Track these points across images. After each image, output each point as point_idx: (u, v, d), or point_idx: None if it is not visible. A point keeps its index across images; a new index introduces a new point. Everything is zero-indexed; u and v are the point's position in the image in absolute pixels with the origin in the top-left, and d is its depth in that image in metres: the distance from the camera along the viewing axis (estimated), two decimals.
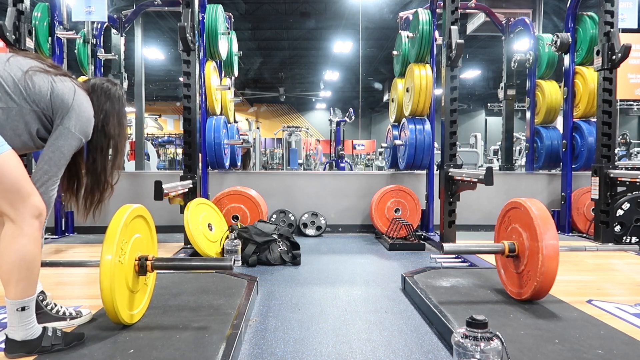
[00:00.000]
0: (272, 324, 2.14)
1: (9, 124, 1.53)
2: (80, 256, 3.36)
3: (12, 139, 1.54)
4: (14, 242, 1.47)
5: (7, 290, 1.46)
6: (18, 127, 1.55)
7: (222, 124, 4.54)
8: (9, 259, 1.46)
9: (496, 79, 19.52)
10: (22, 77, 1.55)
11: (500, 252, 2.20)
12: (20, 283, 1.46)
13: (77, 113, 1.63)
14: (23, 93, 1.54)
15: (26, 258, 1.48)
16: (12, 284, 1.46)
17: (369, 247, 4.11)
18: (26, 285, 1.49)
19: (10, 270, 1.45)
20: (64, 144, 1.61)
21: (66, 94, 1.62)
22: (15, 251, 1.46)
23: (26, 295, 1.49)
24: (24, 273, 1.47)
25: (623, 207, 3.70)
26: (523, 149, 9.27)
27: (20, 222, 1.48)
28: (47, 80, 1.60)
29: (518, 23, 5.45)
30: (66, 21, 4.32)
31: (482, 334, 1.36)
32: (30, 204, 1.51)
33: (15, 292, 1.46)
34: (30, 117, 1.57)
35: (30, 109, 1.56)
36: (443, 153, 3.80)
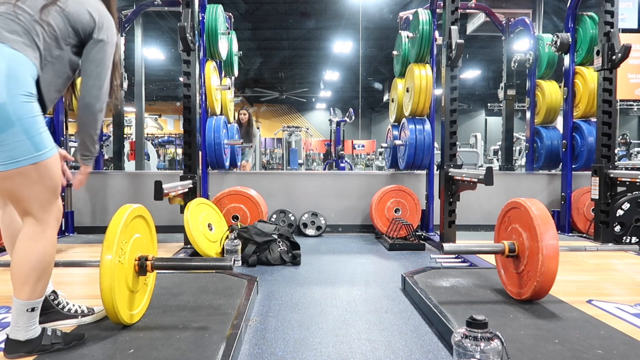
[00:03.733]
0: (272, 324, 2.14)
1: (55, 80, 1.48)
2: (80, 256, 3.36)
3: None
4: (37, 243, 1.45)
5: (21, 291, 1.45)
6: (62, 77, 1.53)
7: (222, 124, 4.53)
8: (30, 260, 1.44)
9: (496, 79, 19.52)
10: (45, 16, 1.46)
11: (500, 252, 2.20)
12: (38, 284, 1.46)
13: (106, 22, 1.59)
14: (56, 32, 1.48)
15: (46, 260, 1.47)
16: (28, 285, 1.44)
17: (369, 247, 4.11)
18: (42, 286, 1.48)
19: (29, 272, 1.44)
20: (105, 55, 1.58)
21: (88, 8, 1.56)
22: (37, 253, 1.45)
23: (39, 296, 1.49)
24: (42, 275, 1.47)
25: (623, 207, 3.70)
26: (523, 149, 9.27)
27: (45, 224, 1.47)
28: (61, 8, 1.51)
29: (518, 23, 5.45)
30: None
31: (482, 334, 1.36)
32: (57, 207, 1.50)
33: (30, 293, 1.45)
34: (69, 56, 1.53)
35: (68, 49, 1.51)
36: (443, 153, 3.80)
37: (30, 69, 1.39)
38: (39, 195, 1.43)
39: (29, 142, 1.35)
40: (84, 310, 1.84)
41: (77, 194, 4.51)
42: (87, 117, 1.60)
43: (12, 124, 1.31)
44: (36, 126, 1.37)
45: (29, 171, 1.37)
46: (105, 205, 4.64)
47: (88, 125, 1.62)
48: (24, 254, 1.44)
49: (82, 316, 1.82)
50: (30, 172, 1.38)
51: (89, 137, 1.63)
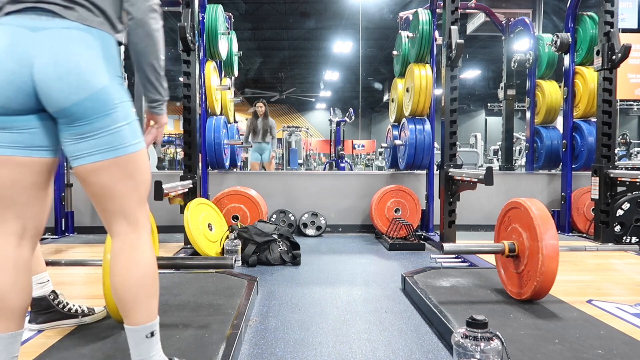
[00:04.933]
0: (272, 324, 2.14)
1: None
2: (80, 256, 3.36)
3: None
4: (137, 253, 1.24)
5: (133, 316, 1.22)
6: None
7: (222, 124, 4.53)
8: (134, 274, 1.21)
9: (496, 79, 19.52)
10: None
11: (500, 252, 2.20)
12: (149, 302, 1.24)
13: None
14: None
15: (152, 272, 1.25)
16: (139, 304, 1.21)
17: (369, 247, 4.11)
18: (154, 304, 1.25)
19: (137, 288, 1.21)
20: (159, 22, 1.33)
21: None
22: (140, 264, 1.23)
23: (154, 317, 1.26)
24: (151, 290, 1.24)
25: (623, 207, 3.70)
26: (523, 149, 9.27)
27: (139, 228, 1.27)
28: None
29: (518, 23, 5.45)
30: None
31: (482, 334, 1.36)
32: (147, 209, 1.32)
33: (143, 315, 1.22)
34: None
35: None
36: (443, 153, 3.80)
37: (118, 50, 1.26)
38: (135, 190, 1.24)
39: (127, 129, 1.20)
40: (84, 310, 1.84)
41: (77, 194, 4.50)
42: (142, 42, 1.27)
43: (114, 107, 1.18)
44: (131, 112, 1.24)
45: (126, 161, 1.21)
46: None
47: (147, 53, 1.29)
48: (127, 269, 1.22)
49: (82, 316, 1.83)
50: (127, 162, 1.21)
51: (152, 70, 1.31)
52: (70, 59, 1.12)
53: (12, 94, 1.11)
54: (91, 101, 1.13)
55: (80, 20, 1.15)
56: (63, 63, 1.11)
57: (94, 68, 1.15)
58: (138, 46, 1.27)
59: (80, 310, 1.83)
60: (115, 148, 1.18)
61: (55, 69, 1.11)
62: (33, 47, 1.11)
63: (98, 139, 1.16)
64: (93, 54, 1.15)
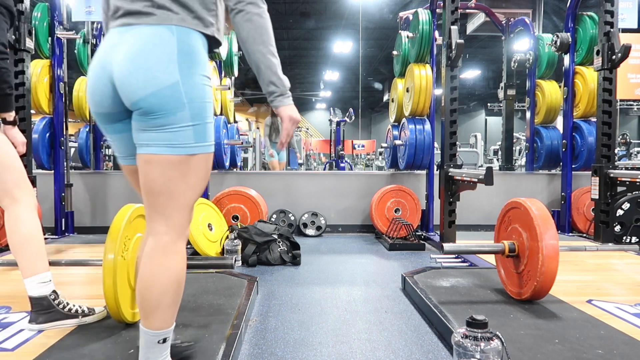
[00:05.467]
0: (272, 324, 2.14)
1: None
2: (81, 256, 3.35)
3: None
4: (169, 257, 1.22)
5: (151, 319, 1.23)
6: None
7: (222, 124, 4.53)
8: (162, 279, 1.20)
9: (496, 79, 19.51)
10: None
11: (500, 252, 2.20)
12: (169, 309, 1.23)
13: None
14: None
15: (179, 280, 1.23)
16: (160, 310, 1.21)
17: (369, 247, 4.11)
18: (174, 312, 1.25)
19: (162, 294, 1.21)
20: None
21: None
22: (169, 269, 1.21)
23: (170, 324, 1.27)
24: (175, 298, 1.23)
25: (623, 207, 3.70)
26: (523, 149, 9.27)
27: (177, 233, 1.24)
28: None
29: (518, 23, 5.45)
30: (66, 21, 4.32)
31: (482, 334, 1.36)
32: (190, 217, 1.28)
33: (160, 321, 1.23)
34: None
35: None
36: (443, 153, 3.80)
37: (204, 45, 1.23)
38: (183, 193, 1.21)
39: (192, 130, 1.17)
40: (84, 310, 1.84)
41: (77, 194, 4.51)
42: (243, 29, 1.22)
43: (182, 106, 1.15)
44: (206, 114, 1.20)
45: (180, 162, 1.17)
46: (105, 205, 4.64)
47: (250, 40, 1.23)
48: (155, 272, 1.20)
49: (82, 316, 1.83)
50: (181, 162, 1.18)
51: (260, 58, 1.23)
52: (141, 55, 1.14)
53: (99, 97, 1.21)
54: (157, 97, 1.13)
55: (157, 22, 1.17)
56: (135, 59, 1.14)
57: (165, 65, 1.14)
58: (242, 33, 1.23)
59: (81, 311, 1.83)
60: (173, 146, 1.16)
61: (127, 66, 1.15)
62: (114, 51, 1.18)
63: (159, 133, 1.16)
64: (166, 50, 1.15)
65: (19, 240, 1.77)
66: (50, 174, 4.23)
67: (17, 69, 3.60)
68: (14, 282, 2.46)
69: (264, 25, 1.22)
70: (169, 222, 1.22)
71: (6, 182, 1.79)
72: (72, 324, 1.80)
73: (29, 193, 1.85)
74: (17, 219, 1.78)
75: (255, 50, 1.21)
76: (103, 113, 1.23)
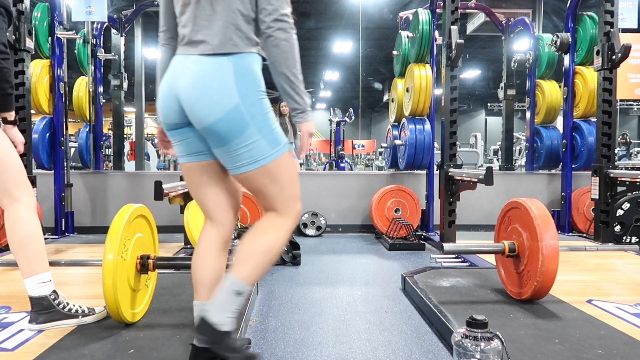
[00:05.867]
0: (272, 324, 2.14)
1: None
2: (80, 256, 3.36)
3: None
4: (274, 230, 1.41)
5: (241, 267, 1.37)
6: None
7: None
8: (262, 242, 1.39)
9: (496, 79, 19.50)
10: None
11: (500, 252, 2.20)
12: (257, 270, 1.39)
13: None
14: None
15: (276, 249, 1.41)
16: (249, 265, 1.37)
17: (369, 247, 4.11)
18: (259, 275, 1.43)
19: (257, 253, 1.38)
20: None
21: None
22: (271, 237, 1.40)
23: (252, 283, 1.41)
24: (265, 262, 1.40)
25: (623, 207, 3.70)
26: (523, 149, 9.27)
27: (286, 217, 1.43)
28: None
29: (518, 23, 5.45)
30: (66, 21, 4.32)
31: (482, 334, 1.36)
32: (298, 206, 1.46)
33: (247, 273, 1.37)
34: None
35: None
36: (443, 153, 3.80)
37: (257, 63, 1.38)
38: (281, 190, 1.39)
39: (264, 141, 1.34)
40: (84, 310, 1.84)
41: (77, 194, 4.51)
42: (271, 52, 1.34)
43: (247, 124, 1.31)
44: (267, 123, 1.35)
45: (268, 170, 1.36)
46: (105, 205, 4.64)
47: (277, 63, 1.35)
48: (258, 235, 1.40)
49: (82, 316, 1.83)
50: (269, 170, 1.36)
51: (285, 79, 1.36)
52: (203, 82, 1.31)
53: (166, 111, 1.40)
54: (224, 121, 1.30)
55: (214, 51, 1.33)
56: (197, 87, 1.31)
57: (225, 90, 1.30)
58: (270, 56, 1.36)
59: (81, 311, 1.83)
60: (256, 161, 1.34)
61: (193, 93, 1.31)
62: (180, 73, 1.35)
63: (240, 154, 1.34)
64: (225, 76, 1.31)
65: (19, 241, 1.77)
66: (50, 174, 4.23)
67: (17, 69, 3.60)
68: (14, 282, 2.46)
69: (289, 51, 1.34)
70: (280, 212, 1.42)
71: (6, 181, 1.79)
72: (72, 324, 1.80)
73: (28, 193, 1.85)
74: (17, 219, 1.78)
75: (280, 73, 1.35)
76: (171, 123, 1.41)
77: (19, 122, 3.03)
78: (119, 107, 5.63)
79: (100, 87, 5.02)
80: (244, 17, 1.35)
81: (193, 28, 1.35)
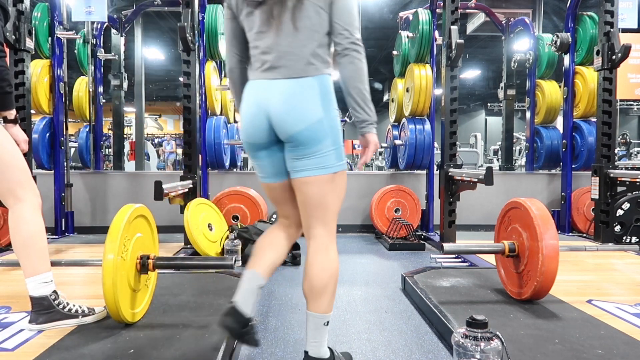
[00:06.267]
0: (272, 324, 2.14)
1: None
2: (80, 256, 3.36)
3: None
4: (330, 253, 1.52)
5: (319, 303, 1.49)
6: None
7: (222, 124, 4.53)
8: (328, 271, 1.50)
9: (496, 79, 19.48)
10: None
11: (500, 252, 2.20)
12: (332, 296, 1.51)
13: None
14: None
15: (337, 271, 1.53)
16: (325, 295, 1.49)
17: (369, 247, 4.11)
18: (333, 299, 1.53)
19: (327, 283, 1.49)
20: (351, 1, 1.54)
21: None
22: (332, 263, 1.51)
23: (331, 310, 1.52)
24: (335, 286, 1.52)
25: (623, 207, 3.70)
26: (523, 149, 9.26)
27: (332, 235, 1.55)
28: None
29: (518, 23, 5.45)
30: (66, 21, 4.32)
31: (482, 334, 1.36)
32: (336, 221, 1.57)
33: (326, 305, 1.49)
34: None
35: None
36: (443, 153, 3.80)
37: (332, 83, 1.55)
38: (334, 201, 1.54)
39: (334, 153, 1.50)
40: (84, 310, 1.84)
41: (77, 194, 4.51)
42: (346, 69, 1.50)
43: (326, 136, 1.47)
44: (339, 139, 1.52)
45: (330, 179, 1.50)
46: (105, 205, 4.64)
47: (351, 79, 1.50)
48: (323, 266, 1.51)
49: (82, 316, 1.83)
50: (330, 179, 1.51)
51: (357, 93, 1.51)
52: (294, 99, 1.46)
53: (254, 131, 1.51)
54: (309, 131, 1.45)
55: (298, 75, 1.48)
56: (289, 103, 1.46)
57: (312, 105, 1.46)
58: (343, 73, 1.51)
59: (81, 311, 1.83)
60: (323, 167, 1.49)
61: (284, 107, 1.45)
62: (269, 94, 1.48)
63: (312, 159, 1.48)
64: (311, 93, 1.47)
65: (22, 240, 1.77)
66: (50, 174, 4.23)
67: (17, 69, 3.60)
68: (14, 282, 2.46)
69: (362, 68, 1.51)
70: (327, 227, 1.55)
71: (10, 181, 1.78)
72: (72, 324, 1.80)
73: (33, 192, 1.85)
74: (21, 219, 1.78)
75: (354, 87, 1.50)
76: (256, 143, 1.53)
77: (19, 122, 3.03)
78: (119, 107, 5.63)
79: (100, 87, 5.03)
80: (321, 43, 1.50)
81: (276, 55, 1.49)
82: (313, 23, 1.47)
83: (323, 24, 1.49)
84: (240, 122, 1.59)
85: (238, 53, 1.60)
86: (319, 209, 1.52)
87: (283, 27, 1.47)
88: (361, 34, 1.56)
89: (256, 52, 1.53)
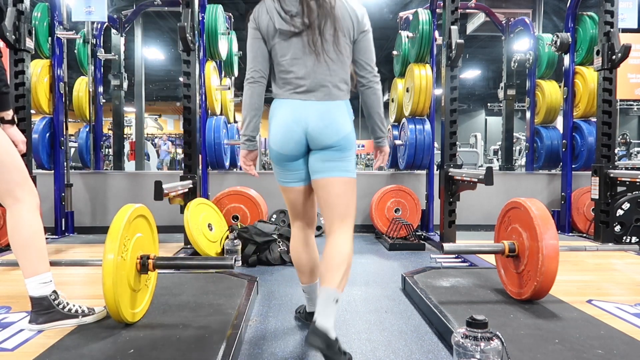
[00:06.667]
0: (272, 324, 2.14)
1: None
2: (80, 256, 3.36)
3: None
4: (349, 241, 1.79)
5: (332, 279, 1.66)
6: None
7: (222, 124, 4.53)
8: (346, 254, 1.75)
9: (496, 79, 19.48)
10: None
11: (500, 252, 2.20)
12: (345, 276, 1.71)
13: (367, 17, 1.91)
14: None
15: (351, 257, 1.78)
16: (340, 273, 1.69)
17: (369, 247, 4.11)
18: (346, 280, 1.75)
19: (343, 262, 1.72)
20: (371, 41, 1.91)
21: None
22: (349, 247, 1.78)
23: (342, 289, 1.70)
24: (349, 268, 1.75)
25: (623, 207, 3.70)
26: (523, 149, 9.26)
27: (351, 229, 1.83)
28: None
29: (518, 23, 5.45)
30: (66, 21, 4.32)
31: (482, 334, 1.36)
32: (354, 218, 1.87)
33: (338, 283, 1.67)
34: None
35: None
36: (443, 153, 3.80)
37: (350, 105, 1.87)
38: (353, 201, 1.82)
39: (353, 161, 1.82)
40: (84, 310, 1.84)
41: (77, 194, 4.51)
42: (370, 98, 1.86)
43: (352, 146, 1.80)
44: (354, 151, 1.84)
45: (349, 181, 1.80)
46: (105, 205, 4.64)
47: (374, 105, 1.87)
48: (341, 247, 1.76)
49: (82, 316, 1.83)
50: (349, 182, 1.81)
51: (377, 116, 1.89)
52: (330, 116, 1.74)
53: (289, 144, 1.77)
54: (344, 140, 1.77)
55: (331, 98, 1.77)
56: (326, 119, 1.74)
57: (343, 122, 1.77)
58: (368, 102, 1.87)
59: (81, 311, 1.83)
60: (346, 170, 1.79)
61: (321, 122, 1.74)
62: (306, 112, 1.74)
63: (338, 162, 1.78)
64: (342, 113, 1.78)
65: (21, 241, 1.77)
66: (50, 174, 4.23)
67: (17, 69, 3.60)
68: (14, 282, 2.46)
69: (381, 97, 1.90)
70: (347, 222, 1.81)
71: (8, 181, 1.78)
72: (72, 324, 1.80)
73: (31, 193, 1.85)
74: (20, 219, 1.78)
75: (376, 113, 1.88)
76: (290, 155, 1.79)
77: (19, 122, 3.03)
78: (119, 107, 5.63)
79: (100, 87, 5.03)
80: (346, 71, 1.81)
81: (312, 81, 1.74)
82: (345, 55, 1.77)
83: (350, 56, 1.80)
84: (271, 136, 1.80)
85: (262, 69, 1.79)
86: (341, 205, 1.79)
87: (320, 57, 1.72)
88: None
89: (290, 76, 1.75)
